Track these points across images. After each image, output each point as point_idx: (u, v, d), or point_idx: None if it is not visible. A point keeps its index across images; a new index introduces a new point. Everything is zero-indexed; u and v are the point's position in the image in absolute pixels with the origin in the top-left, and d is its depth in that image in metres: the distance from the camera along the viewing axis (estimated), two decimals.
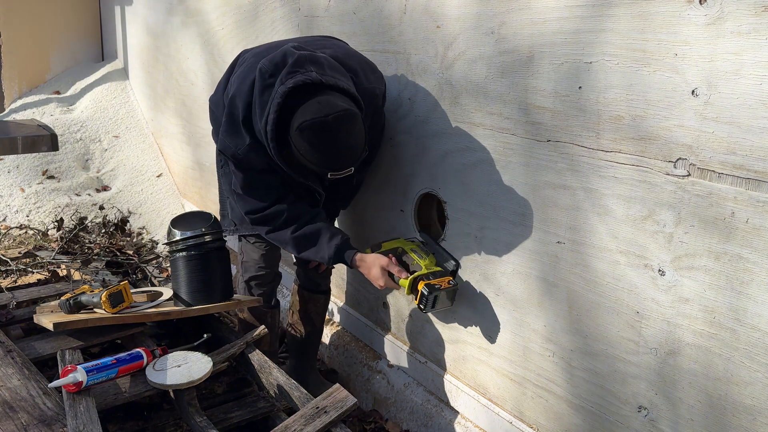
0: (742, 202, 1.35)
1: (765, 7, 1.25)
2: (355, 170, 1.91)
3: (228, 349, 2.06)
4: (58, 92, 4.79)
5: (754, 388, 1.39)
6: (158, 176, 4.34)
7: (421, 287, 1.97)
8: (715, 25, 1.33)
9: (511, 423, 2.02)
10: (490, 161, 1.92)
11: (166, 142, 4.35)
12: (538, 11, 1.70)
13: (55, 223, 3.72)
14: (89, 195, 4.14)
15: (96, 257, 3.38)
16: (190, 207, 4.07)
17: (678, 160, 1.45)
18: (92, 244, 3.59)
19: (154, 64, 4.28)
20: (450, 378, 2.26)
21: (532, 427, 1.97)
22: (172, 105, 4.11)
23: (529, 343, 1.92)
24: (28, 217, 3.85)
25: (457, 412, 2.23)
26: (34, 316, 2.09)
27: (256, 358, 2.07)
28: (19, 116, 4.48)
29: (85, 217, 3.84)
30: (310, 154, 1.82)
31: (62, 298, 2.10)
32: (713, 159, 1.38)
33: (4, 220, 3.81)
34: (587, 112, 1.62)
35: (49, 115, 4.51)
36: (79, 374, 1.69)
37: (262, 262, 2.36)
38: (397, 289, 2.07)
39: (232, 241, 3.15)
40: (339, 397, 1.81)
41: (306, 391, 1.91)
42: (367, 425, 2.43)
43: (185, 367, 1.87)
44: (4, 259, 3.03)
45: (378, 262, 2.03)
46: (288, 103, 1.81)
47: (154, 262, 3.57)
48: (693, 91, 1.39)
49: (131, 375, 1.86)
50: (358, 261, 2.06)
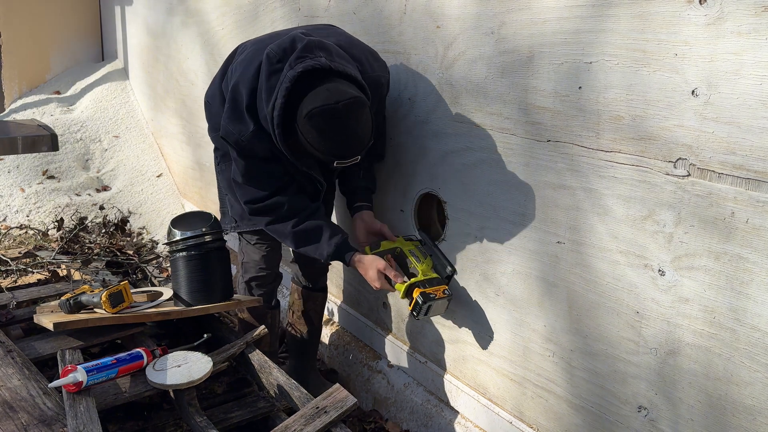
0: (742, 202, 1.35)
1: (765, 7, 1.25)
2: (361, 159, 1.89)
3: (228, 349, 2.06)
4: (58, 92, 4.79)
5: (754, 388, 1.39)
6: (158, 176, 4.34)
7: (416, 295, 1.98)
8: (715, 25, 1.33)
9: (511, 423, 2.02)
10: (490, 161, 1.92)
11: (166, 142, 4.35)
12: (538, 11, 1.70)
13: (55, 223, 3.72)
14: (89, 195, 4.14)
15: (96, 257, 3.38)
16: (190, 207, 4.07)
17: (678, 160, 1.45)
18: (92, 244, 3.59)
19: (154, 64, 4.28)
20: (450, 378, 2.26)
21: (532, 427, 1.97)
22: (172, 105, 4.11)
23: (529, 343, 1.92)
24: (28, 217, 3.85)
25: (457, 412, 2.23)
26: (34, 316, 2.09)
27: (256, 358, 2.07)
28: (19, 116, 4.48)
29: (85, 217, 3.84)
30: (317, 142, 1.80)
31: (62, 298, 2.10)
32: (713, 159, 1.38)
33: (4, 220, 3.81)
34: (587, 112, 1.62)
35: (49, 115, 4.51)
36: (79, 374, 1.69)
37: (263, 264, 2.36)
38: (393, 291, 2.08)
39: (233, 242, 3.16)
40: (339, 397, 1.81)
41: (306, 391, 1.91)
42: (367, 425, 2.43)
43: (185, 367, 1.87)
44: (4, 259, 3.03)
45: (375, 264, 2.03)
46: (296, 88, 1.79)
47: (154, 262, 3.57)
48: (693, 91, 1.39)
49: (131, 375, 1.86)
50: (357, 261, 2.07)
